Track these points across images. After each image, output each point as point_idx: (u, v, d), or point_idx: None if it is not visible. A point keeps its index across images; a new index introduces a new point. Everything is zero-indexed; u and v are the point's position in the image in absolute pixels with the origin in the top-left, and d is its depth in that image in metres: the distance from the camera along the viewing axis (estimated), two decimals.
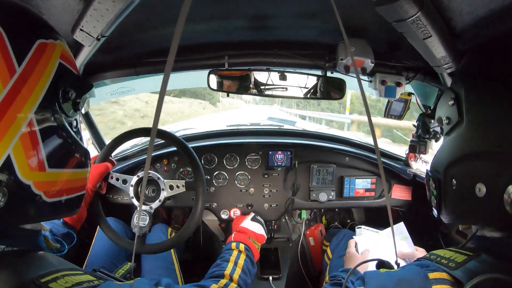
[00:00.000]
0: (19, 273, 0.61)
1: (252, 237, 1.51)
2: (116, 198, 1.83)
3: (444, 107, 0.84)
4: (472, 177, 0.67)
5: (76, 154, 0.76)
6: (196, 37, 1.37)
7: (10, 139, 0.59)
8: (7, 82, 0.59)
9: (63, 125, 0.73)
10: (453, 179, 0.74)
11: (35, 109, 0.64)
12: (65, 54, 0.74)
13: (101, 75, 1.48)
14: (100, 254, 1.56)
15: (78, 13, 0.84)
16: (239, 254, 1.34)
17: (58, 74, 0.70)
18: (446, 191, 0.78)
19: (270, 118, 7.91)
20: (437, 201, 0.82)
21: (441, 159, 0.82)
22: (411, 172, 1.91)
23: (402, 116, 1.70)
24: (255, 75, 1.54)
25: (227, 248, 1.39)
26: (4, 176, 0.59)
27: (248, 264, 1.31)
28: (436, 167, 0.84)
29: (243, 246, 1.40)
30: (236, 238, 1.46)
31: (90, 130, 1.85)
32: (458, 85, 0.81)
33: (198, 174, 1.49)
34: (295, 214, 2.24)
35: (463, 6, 0.78)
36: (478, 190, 0.64)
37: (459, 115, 0.76)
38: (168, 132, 1.56)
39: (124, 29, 0.98)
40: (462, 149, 0.74)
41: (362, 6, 1.03)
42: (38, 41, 0.66)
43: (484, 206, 0.64)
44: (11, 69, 0.60)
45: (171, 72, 0.63)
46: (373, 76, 1.46)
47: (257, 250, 1.47)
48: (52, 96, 0.69)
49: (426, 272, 0.69)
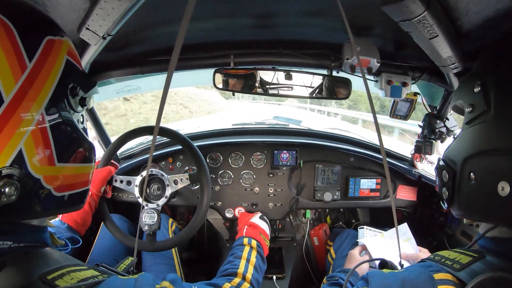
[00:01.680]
0: (26, 270, 0.62)
1: (262, 233, 1.50)
2: (121, 196, 1.84)
3: (466, 93, 0.76)
4: (495, 175, 0.62)
5: (83, 149, 0.78)
6: (201, 35, 1.37)
7: (21, 134, 0.60)
8: (19, 78, 0.60)
9: (71, 121, 0.74)
10: (472, 173, 0.69)
11: (45, 105, 0.65)
12: (71, 51, 0.75)
13: (107, 74, 1.49)
14: (102, 251, 1.57)
15: (84, 12, 0.85)
16: (251, 250, 1.33)
17: (66, 70, 0.71)
18: (462, 185, 0.73)
19: (275, 117, 7.89)
20: (449, 193, 0.77)
21: (459, 149, 0.76)
22: (417, 173, 1.90)
23: (407, 116, 1.69)
24: (261, 74, 1.54)
25: (238, 244, 1.38)
26: (16, 170, 0.59)
27: (259, 262, 1.30)
28: (453, 157, 0.78)
29: (255, 242, 1.39)
30: (248, 234, 1.45)
31: (95, 127, 1.86)
32: (486, 72, 0.73)
33: (202, 168, 1.51)
34: (300, 214, 2.24)
35: (470, 6, 0.77)
36: (501, 189, 0.60)
37: (486, 103, 0.68)
38: (171, 129, 1.56)
39: (130, 28, 0.98)
40: (487, 142, 0.68)
41: (367, 5, 1.02)
42: (47, 38, 0.67)
43: (506, 206, 0.61)
44: (23, 65, 0.61)
45: (175, 71, 0.63)
46: (379, 76, 1.45)
47: (267, 247, 1.47)
48: (60, 92, 0.70)
49: (430, 273, 0.68)
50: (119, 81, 1.82)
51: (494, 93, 0.68)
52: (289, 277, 1.81)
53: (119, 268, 1.21)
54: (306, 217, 2.11)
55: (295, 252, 2.05)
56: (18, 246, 0.66)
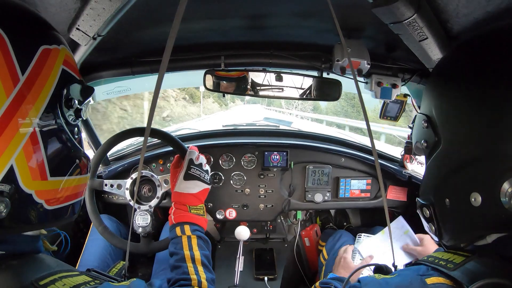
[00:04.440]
0: (18, 276, 0.61)
1: (192, 203, 1.25)
2: (112, 198, 1.82)
3: (419, 132, 0.81)
4: (464, 190, 0.65)
5: (78, 161, 0.75)
6: (192, 36, 1.37)
7: (12, 150, 0.58)
8: (10, 92, 0.57)
9: (66, 134, 0.72)
10: (446, 199, 0.71)
11: (38, 119, 0.63)
12: (68, 59, 0.72)
13: (97, 75, 1.48)
14: (93, 254, 1.55)
15: (75, 12, 0.84)
16: (189, 240, 1.15)
17: (61, 82, 0.69)
18: (442, 213, 0.75)
19: (266, 119, 7.92)
20: (435, 227, 0.78)
21: (429, 183, 0.80)
22: (407, 173, 1.91)
23: (398, 118, 1.70)
24: (251, 75, 1.54)
25: (173, 237, 1.18)
26: (6, 187, 0.58)
27: (203, 250, 1.15)
28: (426, 193, 0.81)
29: (188, 228, 1.18)
30: (177, 218, 1.21)
31: (84, 128, 1.84)
32: (427, 106, 0.79)
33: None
34: (291, 215, 2.24)
35: (459, 9, 0.78)
36: (474, 200, 0.62)
37: (435, 134, 0.74)
38: (161, 130, 1.55)
39: (120, 28, 0.98)
40: (447, 166, 0.71)
41: (358, 7, 1.03)
42: (42, 47, 0.64)
43: (483, 214, 0.62)
44: (15, 78, 0.58)
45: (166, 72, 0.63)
46: (369, 78, 1.46)
47: (203, 219, 1.25)
48: (54, 104, 0.67)
49: (423, 277, 0.69)
50: (109, 82, 1.81)
51: (438, 121, 0.73)
52: (281, 278, 1.82)
53: (111, 272, 1.20)
54: (297, 218, 2.11)
55: (286, 253, 2.06)
56: (11, 254, 0.65)
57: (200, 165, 1.32)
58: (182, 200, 1.24)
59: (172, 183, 1.32)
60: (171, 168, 1.37)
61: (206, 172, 1.32)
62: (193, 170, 1.29)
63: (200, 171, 1.31)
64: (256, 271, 1.86)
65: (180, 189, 1.26)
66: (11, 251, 0.65)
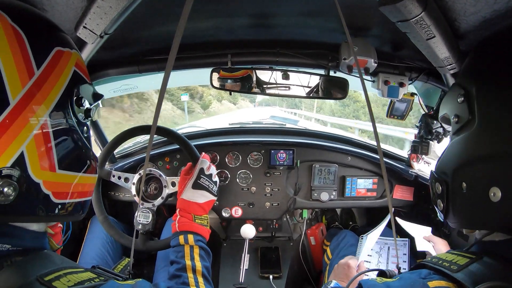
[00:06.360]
0: (24, 271, 0.62)
1: (197, 213, 1.26)
2: (118, 195, 1.84)
3: (451, 104, 0.78)
4: (486, 181, 0.63)
5: (86, 159, 0.79)
6: (199, 35, 1.37)
7: (24, 137, 0.62)
8: (26, 83, 0.62)
9: (75, 130, 0.76)
10: (463, 183, 0.69)
11: (49, 112, 0.67)
12: (79, 63, 0.78)
13: (104, 73, 1.48)
14: (92, 251, 1.56)
15: (82, 10, 0.85)
16: (192, 250, 1.16)
17: (72, 81, 0.74)
18: (455, 195, 0.74)
19: (272, 117, 7.90)
20: (444, 205, 0.77)
21: (449, 160, 0.77)
22: (413, 173, 1.90)
23: (404, 116, 1.69)
24: (258, 73, 1.54)
25: (176, 244, 1.19)
26: (16, 171, 0.61)
27: (204, 261, 1.15)
28: (443, 169, 0.78)
29: (192, 237, 1.19)
30: (181, 227, 1.22)
31: (92, 126, 1.85)
32: (467, 81, 0.75)
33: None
34: (296, 213, 2.25)
35: (467, 7, 0.77)
36: (493, 195, 0.60)
37: (469, 113, 0.70)
38: (168, 128, 1.56)
39: (127, 27, 0.98)
40: (474, 150, 0.68)
41: (365, 6, 1.02)
42: (56, 49, 0.70)
43: (499, 211, 0.61)
44: (30, 71, 0.63)
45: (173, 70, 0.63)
46: (376, 76, 1.45)
47: (207, 230, 1.27)
48: (66, 101, 0.72)
49: (425, 280, 0.68)
50: (116, 80, 1.82)
51: (477, 102, 0.69)
52: (286, 277, 1.82)
53: (115, 269, 1.21)
54: (303, 216, 2.11)
55: (291, 251, 2.06)
56: (17, 249, 0.67)
57: (210, 176, 1.35)
58: (188, 208, 1.26)
59: (180, 189, 1.33)
60: (181, 173, 1.39)
61: (214, 184, 1.35)
62: (202, 180, 1.31)
63: (209, 182, 1.33)
64: (262, 269, 1.87)
65: (187, 196, 1.28)
66: (18, 246, 0.67)
